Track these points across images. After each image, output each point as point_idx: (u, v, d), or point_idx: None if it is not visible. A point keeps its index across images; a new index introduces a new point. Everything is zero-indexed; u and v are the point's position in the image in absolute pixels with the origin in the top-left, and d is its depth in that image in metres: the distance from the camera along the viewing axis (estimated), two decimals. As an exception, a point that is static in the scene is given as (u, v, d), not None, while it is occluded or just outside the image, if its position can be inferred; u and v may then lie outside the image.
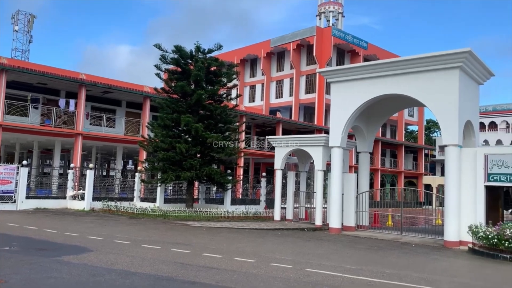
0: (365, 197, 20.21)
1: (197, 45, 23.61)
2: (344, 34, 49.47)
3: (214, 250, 12.02)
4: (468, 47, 15.53)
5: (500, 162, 15.12)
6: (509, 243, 12.85)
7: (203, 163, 22.40)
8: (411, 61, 16.91)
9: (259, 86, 54.85)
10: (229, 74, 24.29)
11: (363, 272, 9.77)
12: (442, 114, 16.24)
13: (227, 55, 50.73)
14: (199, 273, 8.85)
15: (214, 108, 23.02)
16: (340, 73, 19.23)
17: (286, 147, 22.17)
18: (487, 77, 18.21)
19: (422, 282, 9.08)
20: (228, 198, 24.30)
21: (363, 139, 21.42)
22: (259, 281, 8.33)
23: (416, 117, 60.15)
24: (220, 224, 19.04)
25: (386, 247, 14.88)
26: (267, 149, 36.85)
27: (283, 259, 10.96)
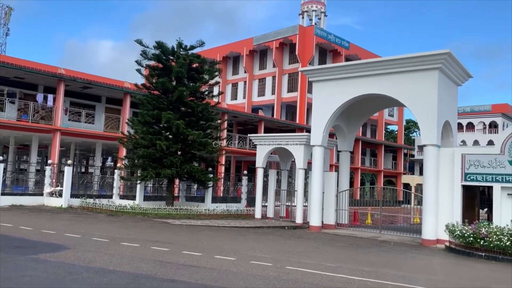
0: (345, 196, 20.39)
1: (179, 42, 23.41)
2: (326, 34, 49.77)
3: (194, 248, 11.95)
4: (447, 49, 15.80)
5: (477, 162, 15.44)
6: (484, 241, 13.15)
7: (184, 161, 22.24)
8: (392, 62, 17.11)
9: (242, 84, 54.77)
10: (211, 71, 24.17)
11: (342, 270, 9.86)
12: (421, 114, 16.49)
13: (210, 52, 50.45)
14: (178, 271, 8.79)
15: (196, 105, 22.86)
16: (322, 72, 19.34)
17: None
18: (465, 78, 18.56)
19: (399, 280, 9.21)
20: (209, 196, 24.20)
21: (344, 138, 21.60)
22: (239, 279, 8.31)
23: (396, 117, 60.98)
24: (201, 222, 18.96)
25: (365, 245, 15.04)
26: (249, 147, 36.85)
27: (263, 257, 10.97)
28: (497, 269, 11.38)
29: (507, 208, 14.74)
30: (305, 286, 8.01)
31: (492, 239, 12.95)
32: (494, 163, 15.08)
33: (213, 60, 27.13)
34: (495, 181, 15.00)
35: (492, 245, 12.93)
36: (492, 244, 12.92)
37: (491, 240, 12.95)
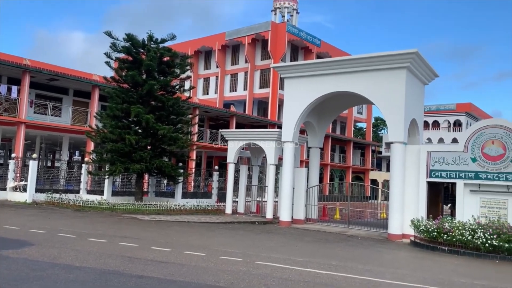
0: (315, 191, 20.66)
1: (150, 34, 23.06)
2: (298, 31, 50.06)
3: (163, 243, 11.85)
4: (415, 48, 16.19)
5: (442, 159, 15.94)
6: (447, 236, 13.60)
7: (154, 156, 21.97)
8: (361, 60, 17.41)
9: (213, 79, 54.46)
10: (182, 65, 23.92)
11: (311, 264, 10.00)
12: (389, 112, 16.86)
13: (181, 46, 49.87)
14: (147, 267, 8.69)
15: (166, 99, 22.59)
16: (293, 69, 19.47)
17: (239, 141, 22.19)
18: (432, 77, 19.08)
19: (366, 273, 9.42)
20: (179, 191, 24.00)
21: (314, 135, 21.85)
22: (208, 274, 8.30)
23: (365, 115, 62.11)
24: (170, 218, 18.79)
25: (333, 239, 15.30)
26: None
27: (233, 252, 10.99)
28: (459, 263, 11.81)
29: (470, 204, 15.29)
30: (274, 281, 8.08)
31: (454, 233, 13.41)
32: (457, 160, 15.60)
33: (185, 54, 26.83)
34: (459, 178, 15.53)
35: (455, 240, 13.39)
36: (455, 238, 13.38)
37: (454, 234, 13.41)
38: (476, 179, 15.23)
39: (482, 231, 12.98)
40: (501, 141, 14.90)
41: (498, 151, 14.94)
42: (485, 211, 15.03)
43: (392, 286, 8.34)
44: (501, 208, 14.86)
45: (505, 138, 14.84)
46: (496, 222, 13.46)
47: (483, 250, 12.81)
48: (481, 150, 15.19)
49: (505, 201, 14.84)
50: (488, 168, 15.03)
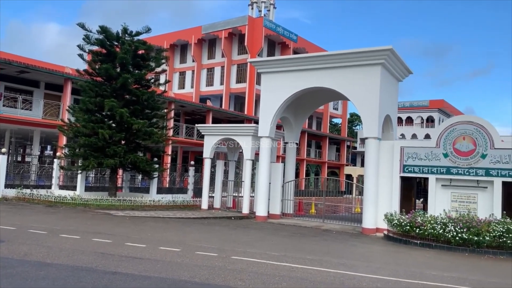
0: (291, 186, 20.79)
1: (124, 27, 22.63)
2: (275, 26, 50.05)
3: (138, 239, 11.70)
4: (389, 45, 16.41)
5: (415, 154, 16.26)
6: (419, 230, 13.91)
7: (128, 150, 21.64)
8: (337, 56, 17.55)
9: (189, 73, 53.96)
10: (157, 59, 23.60)
11: (286, 259, 10.05)
12: (364, 108, 17.08)
13: (157, 39, 49.16)
14: (121, 263, 8.56)
15: (141, 93, 22.26)
16: (270, 64, 19.47)
17: (216, 135, 22.09)
18: (406, 74, 19.41)
19: (341, 267, 9.54)
20: (154, 187, 23.73)
21: (291, 130, 21.95)
22: (183, 270, 8.24)
23: (340, 111, 62.77)
24: (145, 213, 18.58)
25: (309, 234, 15.43)
26: (196, 137, 36.46)
27: (209, 248, 10.94)
28: (431, 256, 12.10)
29: (441, 198, 15.68)
30: (250, 276, 8.08)
31: (426, 227, 13.72)
32: (430, 156, 15.95)
33: (160, 48, 26.48)
34: (431, 173, 15.89)
35: (427, 233, 13.70)
36: (427, 232, 13.69)
37: (426, 228, 13.72)
38: (447, 174, 15.61)
39: (453, 225, 13.32)
40: (472, 137, 15.30)
41: (468, 147, 15.34)
42: (456, 205, 15.44)
43: (365, 279, 8.47)
44: (471, 202, 15.30)
45: (475, 134, 15.25)
46: (466, 216, 13.84)
47: (453, 243, 13.15)
48: (453, 145, 15.57)
49: (474, 196, 15.28)
50: (459, 163, 15.42)
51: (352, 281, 8.21)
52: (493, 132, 15.09)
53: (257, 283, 7.54)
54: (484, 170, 15.05)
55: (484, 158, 15.07)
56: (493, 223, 13.11)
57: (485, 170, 15.03)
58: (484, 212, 14.72)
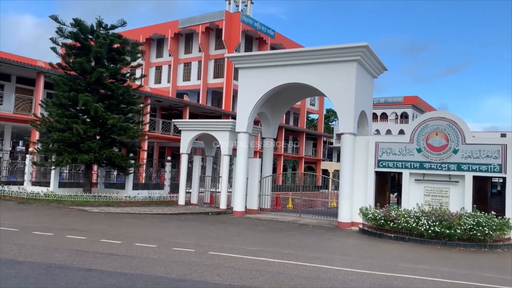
0: (268, 181, 20.87)
1: (99, 20, 22.20)
2: (252, 21, 49.96)
3: (113, 236, 11.56)
4: (365, 42, 16.61)
5: (389, 150, 16.56)
6: (393, 223, 14.19)
7: (103, 146, 21.31)
8: (314, 52, 17.67)
9: (166, 68, 53.37)
10: (133, 53, 23.26)
11: (263, 253, 10.11)
12: (339, 104, 17.27)
13: (132, 33, 48.41)
14: (96, 260, 8.45)
15: (116, 87, 21.91)
16: (248, 60, 19.45)
17: (193, 131, 21.96)
18: (381, 71, 19.70)
19: (317, 261, 9.66)
20: (130, 183, 23.43)
21: (268, 125, 22.02)
22: (160, 266, 8.19)
23: (317, 106, 63.25)
24: (121, 210, 18.36)
25: (286, 228, 15.55)
26: (173, 132, 36.15)
27: (186, 243, 10.90)
28: (404, 249, 12.37)
29: (415, 192, 16.03)
30: (227, 271, 8.10)
31: (400, 221, 14.00)
32: (404, 151, 16.27)
33: (136, 42, 26.09)
34: (405, 168, 16.22)
35: (401, 227, 14.00)
36: (401, 226, 13.98)
37: (400, 222, 14.01)
38: (420, 169, 15.97)
39: (426, 218, 13.65)
40: (444, 132, 15.67)
41: (441, 142, 15.71)
42: (428, 199, 15.82)
43: (341, 272, 8.61)
44: (443, 196, 15.69)
45: (448, 130, 15.62)
46: (438, 210, 14.20)
47: (426, 236, 13.48)
48: (426, 141, 15.92)
49: (446, 190, 15.68)
50: (432, 158, 15.79)
51: (328, 275, 8.33)
52: (465, 128, 15.50)
53: (234, 278, 7.57)
54: (456, 165, 15.45)
55: (456, 153, 15.47)
56: (464, 216, 13.49)
57: (456, 165, 15.44)
58: (455, 205, 15.13)
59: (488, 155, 15.09)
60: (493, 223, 13.24)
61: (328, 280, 7.88)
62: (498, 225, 13.33)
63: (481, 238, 13.08)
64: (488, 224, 13.12)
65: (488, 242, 13.14)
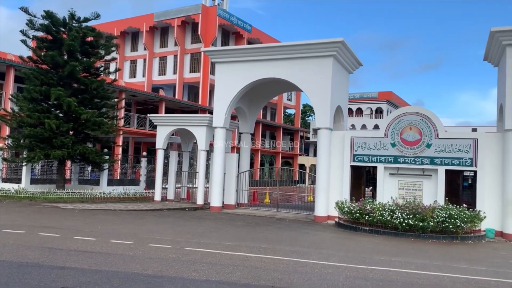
0: (246, 176, 20.87)
1: (71, 12, 21.71)
2: (229, 15, 49.67)
3: (88, 233, 11.35)
4: (341, 38, 16.74)
5: (364, 144, 16.78)
6: (369, 216, 14.41)
7: (77, 141, 20.91)
8: (291, 47, 17.70)
9: (141, 61, 52.56)
10: (107, 46, 22.83)
11: (240, 248, 10.11)
12: (316, 99, 17.38)
13: (106, 26, 47.45)
14: (69, 257, 8.28)
15: (90, 81, 21.48)
16: (224, 54, 19.33)
17: (169, 126, 21.74)
18: (357, 66, 19.90)
19: (294, 255, 9.72)
20: (104, 179, 23.05)
21: (245, 120, 21.99)
22: (135, 263, 8.09)
23: (294, 101, 63.54)
24: (95, 206, 18.05)
25: (263, 223, 15.59)
26: (149, 128, 35.71)
27: (162, 240, 10.80)
28: (379, 242, 12.59)
29: (389, 186, 16.31)
30: (204, 266, 8.07)
31: (375, 214, 14.23)
32: (378, 146, 16.52)
33: (110, 35, 25.60)
34: (379, 162, 16.47)
35: (376, 220, 14.23)
36: (376, 219, 14.21)
37: (375, 215, 14.23)
38: (395, 163, 16.25)
39: (400, 212, 13.91)
40: (418, 127, 15.98)
41: (415, 137, 16.01)
42: (402, 193, 16.12)
43: (317, 266, 8.69)
44: (417, 189, 16.02)
45: (421, 125, 15.93)
46: (412, 203, 14.48)
47: (400, 229, 13.74)
48: (400, 135, 16.20)
49: (420, 183, 16.01)
50: (406, 152, 16.08)
51: (304, 268, 8.39)
52: (438, 123, 15.84)
53: (211, 274, 7.54)
54: (429, 159, 15.79)
55: (429, 148, 15.80)
56: (437, 209, 13.81)
57: (430, 159, 15.78)
58: (428, 199, 15.47)
59: (460, 149, 15.47)
60: (465, 215, 13.61)
61: (305, 274, 7.94)
62: (469, 218, 13.71)
63: (453, 230, 13.43)
64: (459, 217, 13.47)
65: (460, 234, 13.49)
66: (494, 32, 14.80)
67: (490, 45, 15.90)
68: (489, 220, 14.63)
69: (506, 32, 14.57)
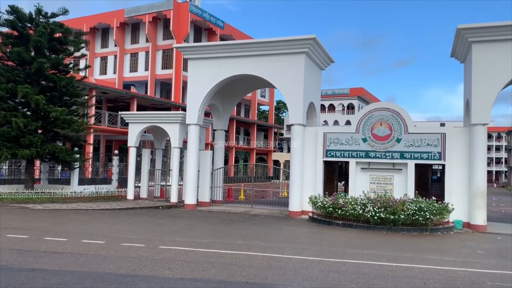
0: (220, 173, 20.83)
1: (38, 8, 21.09)
2: (201, 11, 49.30)
3: (59, 233, 11.11)
4: (313, 34, 16.88)
5: (336, 140, 17.01)
6: (341, 211, 14.63)
7: (46, 140, 20.38)
8: (264, 44, 17.73)
9: (112, 58, 51.57)
10: (76, 43, 22.31)
11: (215, 245, 10.10)
12: (289, 95, 17.49)
13: (75, 22, 46.35)
14: (39, 259, 8.08)
15: (59, 79, 20.95)
16: (197, 50, 19.20)
17: (141, 123, 21.44)
18: (328, 63, 20.12)
19: (268, 250, 9.78)
20: (75, 178, 22.55)
21: (219, 117, 21.92)
22: (108, 262, 7.98)
23: (268, 98, 63.71)
24: (66, 206, 17.67)
25: (237, 219, 15.62)
26: (120, 125, 35.09)
27: (135, 239, 10.68)
28: (352, 235, 12.81)
29: (361, 180, 16.60)
30: (178, 264, 8.03)
31: (348, 208, 14.47)
32: (350, 141, 16.78)
33: (79, 31, 25.01)
34: (351, 157, 16.74)
35: (348, 214, 14.46)
36: (348, 213, 14.45)
37: (347, 209, 14.47)
38: (366, 158, 16.55)
39: (372, 205, 14.18)
40: (388, 122, 16.31)
41: (385, 132, 16.34)
42: (374, 187, 16.44)
43: (292, 260, 8.78)
44: (387, 183, 16.37)
45: (391, 120, 16.27)
46: (383, 197, 14.79)
47: (372, 222, 14.02)
48: (371, 131, 16.49)
49: (391, 177, 16.36)
50: (377, 147, 16.40)
51: (279, 263, 8.46)
52: (407, 118, 16.20)
53: (186, 271, 7.52)
54: (399, 154, 16.14)
55: (399, 142, 16.16)
56: (407, 202, 14.15)
57: (400, 153, 16.13)
58: (399, 192, 15.83)
59: (429, 144, 15.88)
60: (434, 208, 14.00)
61: (279, 269, 8.01)
62: (438, 210, 14.11)
63: (422, 223, 13.79)
64: (429, 209, 13.85)
65: (429, 226, 13.87)
66: (460, 29, 15.23)
67: (457, 42, 16.37)
68: (457, 212, 15.11)
69: (471, 29, 15.02)
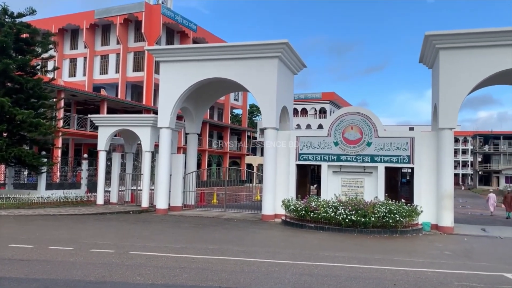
0: (193, 177, 20.66)
1: (4, 7, 20.46)
2: (173, 14, 48.92)
3: (24, 240, 10.74)
4: (285, 39, 16.99)
5: (309, 143, 17.16)
6: (314, 214, 14.75)
7: (11, 143, 19.74)
8: (237, 48, 17.74)
9: (81, 60, 50.48)
10: (44, 44, 21.74)
11: (187, 250, 9.99)
12: (262, 99, 17.54)
13: (43, 23, 45.16)
14: (3, 266, 7.78)
15: (25, 80, 20.33)
16: (169, 53, 19.02)
17: (111, 126, 21.04)
18: (301, 67, 20.30)
19: (241, 254, 9.75)
20: (42, 183, 21.89)
21: (192, 121, 21.75)
22: (76, 269, 7.76)
23: (241, 101, 63.74)
24: (33, 212, 17.12)
25: (210, 224, 15.50)
26: (90, 129, 34.34)
27: (105, 244, 10.44)
28: (324, 238, 12.92)
29: (333, 183, 16.78)
30: (149, 270, 7.89)
31: (320, 211, 14.60)
32: (322, 144, 16.95)
33: (47, 32, 24.36)
34: (323, 160, 16.91)
35: (320, 217, 14.59)
36: (320, 216, 14.58)
37: (320, 212, 14.60)
38: (338, 161, 16.75)
39: (343, 208, 14.36)
40: (359, 126, 16.57)
41: (356, 136, 16.59)
42: (345, 190, 16.65)
43: (264, 264, 8.77)
44: (358, 186, 16.60)
45: (362, 124, 16.53)
46: (354, 199, 15.00)
47: (344, 225, 14.18)
48: (342, 135, 16.72)
49: (361, 180, 16.61)
50: (348, 151, 16.62)
51: (252, 267, 8.44)
52: (377, 122, 16.50)
53: (157, 277, 7.39)
54: (369, 157, 16.41)
55: (370, 146, 16.43)
56: (378, 205, 14.40)
57: (370, 156, 16.40)
58: (369, 195, 16.08)
59: (398, 147, 16.22)
60: (403, 210, 14.29)
61: (252, 273, 7.99)
62: (408, 212, 14.42)
63: (392, 225, 14.05)
64: (398, 212, 14.13)
65: (399, 228, 14.15)
66: (428, 36, 15.66)
67: (425, 48, 16.82)
68: (425, 214, 15.48)
69: (439, 36, 15.46)
